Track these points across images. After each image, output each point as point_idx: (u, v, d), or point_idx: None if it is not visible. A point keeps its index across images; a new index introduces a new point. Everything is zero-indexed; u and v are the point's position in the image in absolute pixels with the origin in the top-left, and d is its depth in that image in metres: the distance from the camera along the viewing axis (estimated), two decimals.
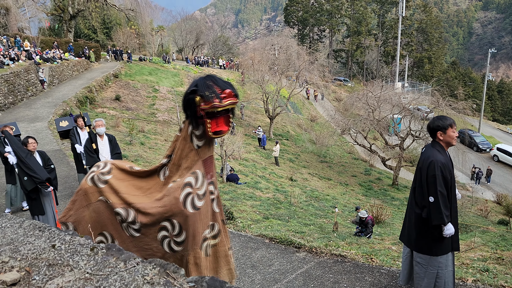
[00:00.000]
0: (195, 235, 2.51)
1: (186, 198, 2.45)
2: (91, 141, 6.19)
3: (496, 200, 21.75)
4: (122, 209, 2.61)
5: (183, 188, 2.46)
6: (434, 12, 69.94)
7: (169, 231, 2.49)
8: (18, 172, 5.63)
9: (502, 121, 53.74)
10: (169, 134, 21.83)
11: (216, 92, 2.33)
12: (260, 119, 32.35)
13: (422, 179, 3.45)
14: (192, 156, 2.54)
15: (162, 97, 30.29)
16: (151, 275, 1.28)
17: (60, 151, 11.49)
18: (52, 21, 41.72)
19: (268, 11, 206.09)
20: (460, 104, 21.75)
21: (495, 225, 15.00)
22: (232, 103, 2.38)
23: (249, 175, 17.30)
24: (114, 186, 2.69)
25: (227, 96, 2.35)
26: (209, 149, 2.61)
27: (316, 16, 62.96)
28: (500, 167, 29.05)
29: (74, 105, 19.70)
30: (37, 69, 22.42)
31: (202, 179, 2.53)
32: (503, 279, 4.64)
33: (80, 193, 2.76)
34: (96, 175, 2.74)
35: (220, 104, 2.32)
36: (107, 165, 2.81)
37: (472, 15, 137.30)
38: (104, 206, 2.68)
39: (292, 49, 30.98)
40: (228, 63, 49.18)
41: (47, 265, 1.34)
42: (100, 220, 2.70)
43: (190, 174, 2.51)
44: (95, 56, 35.22)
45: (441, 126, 3.45)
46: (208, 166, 2.60)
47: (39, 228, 1.64)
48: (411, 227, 3.66)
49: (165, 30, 59.12)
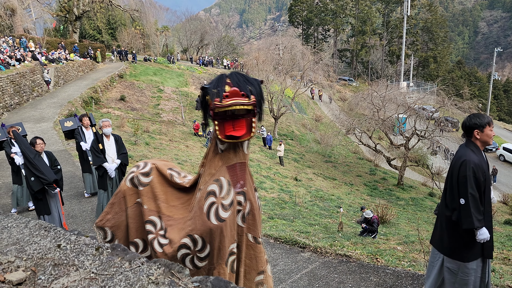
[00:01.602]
0: (221, 248, 2.27)
1: (210, 208, 2.21)
2: (97, 141, 6.13)
3: (503, 200, 21.58)
4: (157, 218, 2.41)
5: (206, 197, 2.23)
6: (439, 11, 69.58)
7: (191, 248, 2.26)
8: (25, 172, 5.66)
9: (508, 120, 53.38)
10: (173, 135, 21.88)
11: (221, 90, 2.05)
12: (265, 119, 32.32)
13: (453, 180, 3.26)
14: (216, 161, 2.30)
15: (167, 97, 30.36)
16: (156, 275, 1.28)
17: (66, 151, 11.55)
18: (57, 22, 41.95)
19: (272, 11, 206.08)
20: (465, 104, 21.61)
21: (501, 225, 14.90)
22: (238, 103, 2.04)
23: (253, 175, 17.25)
24: (154, 189, 2.48)
25: (231, 95, 2.03)
26: (235, 155, 2.30)
27: (320, 16, 62.85)
28: (506, 167, 28.86)
29: (79, 106, 19.79)
30: (43, 70, 22.55)
31: (227, 188, 2.26)
32: (510, 280, 4.60)
33: (119, 195, 2.57)
34: (136, 175, 2.53)
35: (220, 104, 2.04)
36: (147, 165, 2.58)
37: (478, 14, 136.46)
38: (139, 210, 2.49)
39: (297, 48, 30.94)
40: (232, 63, 49.22)
41: (52, 265, 1.35)
42: (134, 226, 2.52)
43: (213, 181, 2.26)
44: (101, 57, 35.41)
45: (478, 124, 3.24)
46: (236, 173, 2.31)
47: (44, 228, 1.65)
48: (443, 230, 3.46)
49: (169, 30, 59.27)
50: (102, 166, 6.09)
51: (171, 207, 2.42)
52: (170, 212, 2.40)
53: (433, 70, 58.32)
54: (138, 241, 2.50)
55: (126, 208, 2.52)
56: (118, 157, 6.29)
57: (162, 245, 2.32)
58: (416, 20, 59.79)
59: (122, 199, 2.53)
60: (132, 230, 2.51)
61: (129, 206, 2.51)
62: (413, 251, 6.84)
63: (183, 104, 28.46)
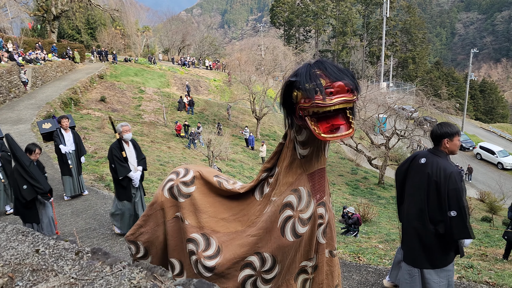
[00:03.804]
0: (291, 264, 2.03)
1: (286, 223, 1.93)
2: (120, 149, 5.60)
3: (480, 197, 22.14)
4: (200, 236, 2.09)
5: (282, 210, 1.95)
6: (417, 12, 70.89)
7: (257, 268, 1.97)
8: (16, 180, 5.21)
9: (484, 119, 54.73)
10: (155, 136, 21.68)
11: (321, 85, 1.70)
12: (247, 119, 32.35)
13: (442, 193, 3.11)
14: (294, 168, 1.98)
15: (148, 98, 30.07)
16: (137, 278, 1.27)
17: (44, 153, 11.31)
18: (35, 21, 41.05)
19: (254, 12, 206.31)
20: (443, 104, 22.09)
21: (478, 222, 15.27)
22: (344, 101, 1.69)
23: (236, 176, 17.27)
24: (196, 202, 2.16)
25: (337, 91, 1.69)
26: (318, 160, 1.99)
27: (302, 17, 63.34)
28: (483, 165, 29.60)
29: (58, 107, 19.41)
30: (20, 71, 22.04)
31: (307, 199, 1.97)
32: (487, 275, 4.72)
33: (156, 207, 2.26)
34: (176, 185, 2.22)
35: (324, 104, 1.68)
36: (189, 173, 2.26)
37: (455, 15, 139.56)
38: (178, 226, 2.19)
39: (279, 49, 31.11)
40: (214, 63, 49.07)
41: (30, 270, 1.32)
42: (173, 243, 2.23)
43: (291, 191, 1.97)
44: (79, 57, 34.77)
45: (449, 133, 3.20)
46: (316, 182, 2.02)
47: (22, 232, 1.61)
48: (425, 246, 3.31)
49: (150, 30, 58.69)
50: (126, 176, 5.59)
51: (220, 221, 2.12)
52: (220, 227, 2.11)
53: (412, 70, 59.46)
54: (174, 261, 2.23)
55: (164, 222, 2.23)
56: (138, 164, 5.83)
57: (210, 269, 2.03)
58: (395, 21, 60.87)
59: (159, 211, 2.24)
60: (170, 248, 2.24)
61: (167, 220, 2.22)
62: (394, 249, 6.94)
63: (165, 105, 28.22)
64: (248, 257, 1.97)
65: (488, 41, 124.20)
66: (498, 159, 29.14)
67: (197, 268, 2.06)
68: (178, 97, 31.01)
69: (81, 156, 7.86)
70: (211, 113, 30.83)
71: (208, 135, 16.69)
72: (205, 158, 17.56)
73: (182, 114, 28.81)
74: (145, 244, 2.30)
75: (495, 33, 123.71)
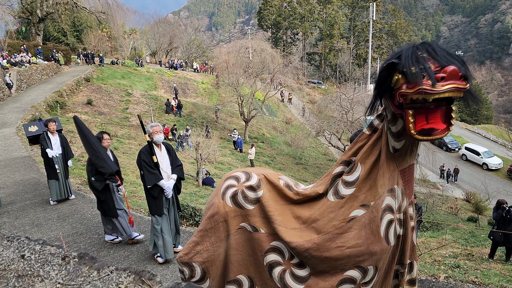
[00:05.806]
0: (388, 271, 1.86)
1: (389, 228, 1.73)
2: (150, 154, 4.78)
3: (465, 198, 22.44)
4: (281, 244, 1.86)
5: (383, 215, 1.73)
6: (403, 15, 71.84)
7: (356, 281, 1.77)
8: (89, 171, 5.41)
9: (469, 121, 55.65)
10: (143, 139, 21.51)
11: (430, 69, 1.46)
12: (235, 122, 32.33)
13: None
14: (386, 164, 1.75)
15: (135, 101, 29.85)
16: (125, 283, 1.26)
17: (30, 157, 11.15)
18: (20, 24, 40.48)
19: (242, 14, 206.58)
20: None
21: (464, 222, 15.48)
22: (455, 88, 1.45)
23: None
24: (266, 208, 1.90)
25: (448, 77, 1.45)
26: (411, 155, 1.77)
27: (289, 20, 63.66)
28: (469, 166, 30.04)
29: (44, 110, 19.15)
30: (4, 74, 21.71)
31: (401, 198, 1.78)
32: (473, 275, 4.79)
33: (218, 219, 1.97)
34: (240, 191, 1.96)
35: (432, 90, 1.44)
36: (254, 176, 2.00)
37: (440, 18, 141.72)
38: (245, 237, 1.94)
39: (266, 52, 31.14)
40: (202, 66, 48.96)
41: (16, 276, 1.30)
42: (239, 259, 1.95)
43: (387, 192, 1.74)
44: (64, 60, 34.34)
45: None
46: (407, 179, 1.81)
47: (7, 238, 1.59)
48: None
49: (137, 33, 58.34)
50: (157, 185, 4.74)
51: (290, 231, 1.85)
52: (292, 237, 1.85)
53: None
54: (242, 278, 1.95)
55: (228, 236, 1.97)
56: (173, 171, 5.01)
57: (301, 278, 1.81)
58: (382, 24, 61.58)
59: (222, 223, 1.96)
60: (234, 265, 1.95)
61: (231, 232, 1.95)
62: None
63: (152, 107, 28.06)
64: (347, 272, 1.76)
65: (472, 43, 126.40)
66: (483, 160, 29.63)
67: (282, 281, 1.83)
68: (165, 99, 30.86)
69: (68, 160, 7.77)
70: (199, 115, 30.74)
71: (197, 138, 16.65)
72: (193, 161, 17.49)
73: (169, 117, 28.66)
74: (204, 265, 2.01)
75: (479, 35, 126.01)
